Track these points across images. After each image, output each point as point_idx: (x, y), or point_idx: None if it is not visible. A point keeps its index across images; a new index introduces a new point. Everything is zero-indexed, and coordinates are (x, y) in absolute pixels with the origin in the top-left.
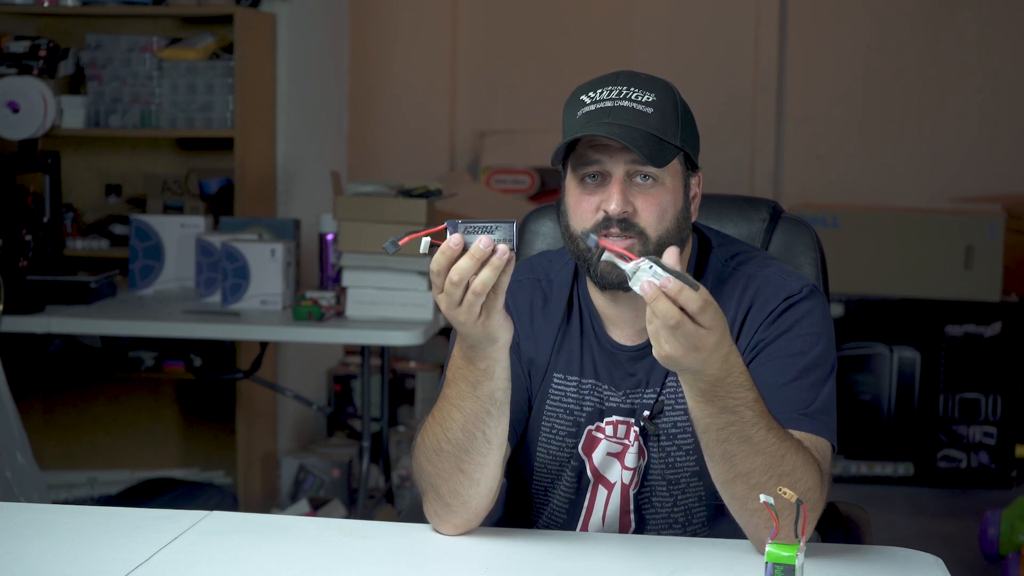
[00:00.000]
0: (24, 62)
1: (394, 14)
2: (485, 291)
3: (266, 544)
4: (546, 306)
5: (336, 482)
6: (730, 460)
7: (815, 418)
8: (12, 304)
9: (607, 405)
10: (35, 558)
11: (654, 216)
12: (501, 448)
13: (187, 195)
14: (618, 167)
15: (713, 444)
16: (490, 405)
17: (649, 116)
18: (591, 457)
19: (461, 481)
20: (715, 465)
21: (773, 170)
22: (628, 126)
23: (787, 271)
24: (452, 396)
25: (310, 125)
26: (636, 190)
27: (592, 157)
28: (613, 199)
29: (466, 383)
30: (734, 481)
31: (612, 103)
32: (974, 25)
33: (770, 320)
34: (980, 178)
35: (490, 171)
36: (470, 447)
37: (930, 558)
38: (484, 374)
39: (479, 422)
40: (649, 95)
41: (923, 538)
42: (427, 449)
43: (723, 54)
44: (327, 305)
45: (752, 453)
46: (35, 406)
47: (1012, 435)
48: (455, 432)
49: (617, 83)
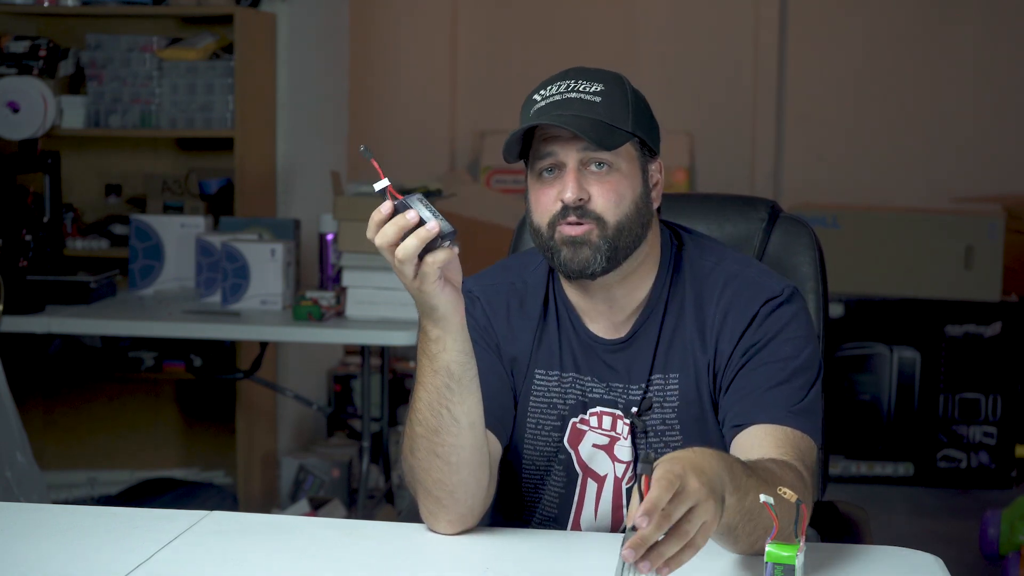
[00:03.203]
0: (24, 62)
1: (394, 14)
2: (408, 259)
3: (266, 544)
4: (522, 306)
5: (336, 482)
6: (753, 534)
7: (801, 415)
8: (12, 304)
9: (590, 397)
10: (35, 558)
11: (611, 202)
12: (474, 429)
13: (187, 195)
14: (571, 156)
15: (743, 536)
16: (448, 379)
17: (597, 104)
18: (577, 450)
19: (440, 468)
20: (740, 545)
21: (773, 170)
22: (576, 115)
23: (766, 271)
24: (418, 375)
25: (310, 125)
26: (592, 178)
27: (545, 150)
28: (568, 187)
29: (426, 357)
30: (757, 542)
31: (561, 96)
32: (974, 25)
33: (756, 323)
34: (980, 178)
35: (490, 171)
36: (439, 427)
37: (930, 558)
38: (437, 344)
39: (442, 398)
40: (597, 85)
41: (923, 538)
42: (407, 440)
43: (723, 54)
44: (327, 305)
45: (765, 515)
46: (35, 406)
47: (1012, 435)
48: (424, 412)
49: (566, 78)
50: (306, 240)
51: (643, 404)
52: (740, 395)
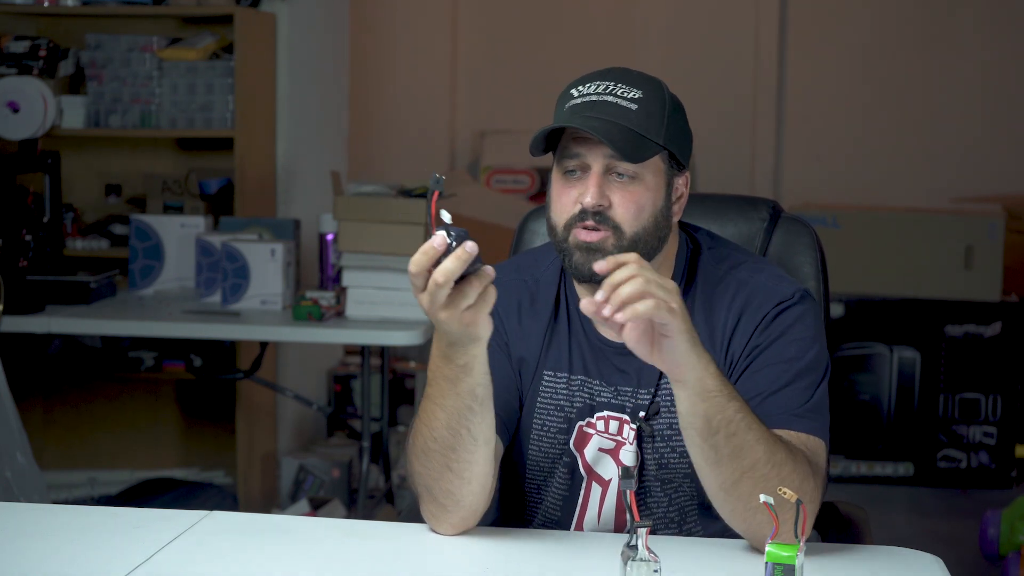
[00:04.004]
0: (24, 62)
1: (394, 14)
2: (446, 282)
3: (266, 544)
4: (533, 305)
5: (336, 482)
6: (739, 455)
7: (807, 417)
8: (12, 304)
9: (597, 401)
10: (35, 558)
11: (630, 213)
12: (489, 444)
13: (187, 195)
14: (597, 160)
15: (724, 442)
16: (471, 401)
17: (632, 112)
18: (583, 453)
19: (451, 480)
20: (723, 467)
21: (773, 170)
22: (608, 120)
23: (779, 275)
24: (434, 395)
25: (310, 125)
26: (615, 185)
27: (573, 150)
28: (589, 192)
29: (446, 381)
30: (741, 480)
31: (597, 97)
32: (974, 25)
33: (763, 326)
34: (980, 178)
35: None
36: (456, 444)
37: (930, 558)
38: (464, 370)
39: (463, 419)
40: (636, 92)
41: (923, 538)
42: (416, 449)
43: (723, 54)
44: (327, 305)
45: (755, 441)
46: (35, 406)
47: (1012, 435)
48: (440, 431)
49: (606, 78)
50: (306, 240)
51: (651, 408)
52: (746, 399)
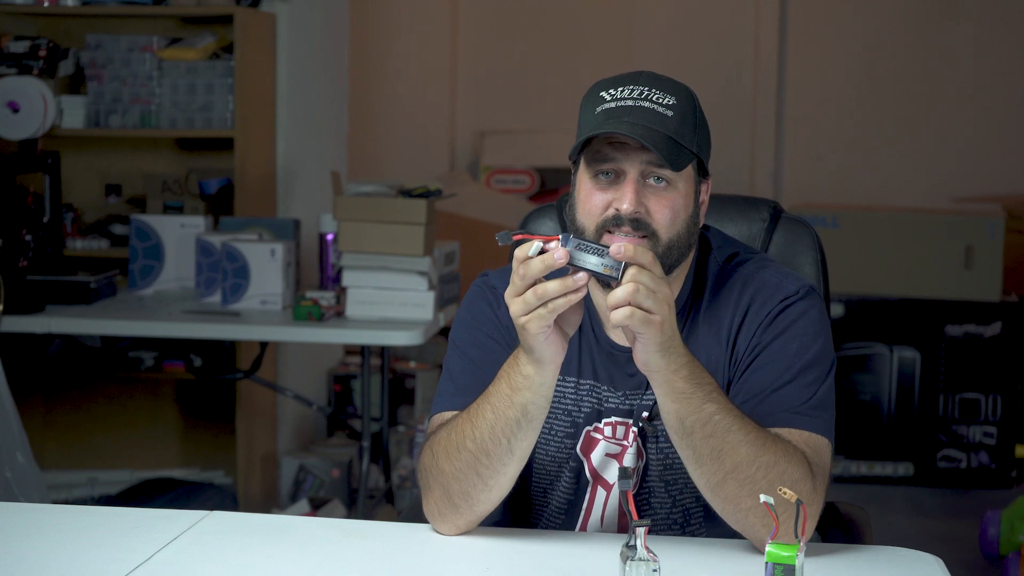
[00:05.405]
0: (24, 62)
1: (394, 14)
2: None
3: (266, 544)
4: None
5: (336, 482)
6: (718, 456)
7: (808, 414)
8: (12, 304)
9: (606, 406)
10: (35, 558)
11: (666, 219)
12: (522, 462)
13: (187, 195)
14: (633, 167)
15: (701, 443)
16: (522, 416)
17: (669, 119)
18: (589, 458)
19: (475, 483)
20: (705, 468)
21: (773, 170)
22: (649, 127)
23: (784, 272)
24: (491, 394)
25: (310, 125)
26: (649, 191)
27: (609, 154)
28: (627, 198)
29: (507, 384)
30: (724, 481)
31: (633, 102)
32: (973, 25)
33: (767, 322)
34: (979, 178)
35: (490, 171)
36: (493, 451)
37: (930, 558)
38: (526, 380)
39: (507, 429)
40: (670, 98)
41: (923, 538)
42: (449, 444)
43: (723, 54)
44: (327, 305)
45: (737, 443)
46: (35, 406)
47: (1012, 435)
48: (482, 431)
49: (639, 83)
50: (306, 240)
51: (653, 409)
52: (748, 397)
